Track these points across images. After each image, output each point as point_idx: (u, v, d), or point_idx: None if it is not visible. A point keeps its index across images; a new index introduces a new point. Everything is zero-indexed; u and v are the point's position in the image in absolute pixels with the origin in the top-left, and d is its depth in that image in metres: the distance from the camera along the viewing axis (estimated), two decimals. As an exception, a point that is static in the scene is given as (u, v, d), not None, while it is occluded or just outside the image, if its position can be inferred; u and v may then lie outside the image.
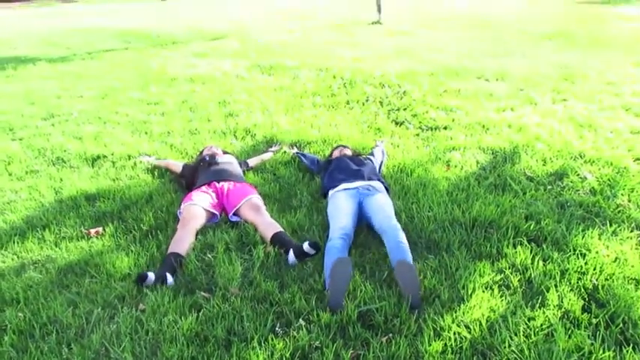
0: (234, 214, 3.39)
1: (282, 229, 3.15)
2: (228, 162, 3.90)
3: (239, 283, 2.74)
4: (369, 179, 3.52)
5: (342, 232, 2.94)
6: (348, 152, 4.05)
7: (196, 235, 3.17)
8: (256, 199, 3.44)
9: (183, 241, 3.01)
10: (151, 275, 2.70)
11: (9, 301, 2.66)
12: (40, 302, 2.62)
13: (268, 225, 3.18)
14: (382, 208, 3.16)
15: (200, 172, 3.75)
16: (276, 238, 3.04)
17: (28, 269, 2.95)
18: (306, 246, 2.82)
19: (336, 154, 4.03)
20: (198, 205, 3.30)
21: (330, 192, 3.47)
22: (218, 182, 3.57)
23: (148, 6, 26.28)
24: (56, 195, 3.93)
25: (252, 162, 4.32)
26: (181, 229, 3.11)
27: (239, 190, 3.50)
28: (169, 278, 2.74)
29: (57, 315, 2.52)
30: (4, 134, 5.47)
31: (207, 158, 3.84)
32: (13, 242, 3.24)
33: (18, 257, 3.09)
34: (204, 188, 3.50)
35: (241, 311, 2.50)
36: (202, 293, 2.67)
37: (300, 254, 2.85)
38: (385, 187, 3.56)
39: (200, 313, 2.50)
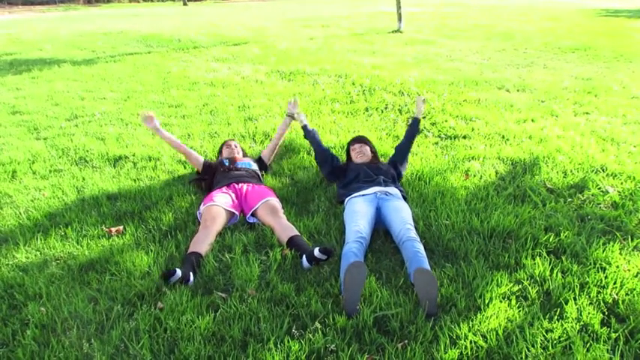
0: (252, 215, 3.42)
1: (297, 233, 3.17)
2: (247, 166, 3.93)
3: (256, 285, 2.76)
4: (387, 186, 3.53)
5: (358, 235, 2.95)
6: (367, 151, 3.95)
7: (217, 236, 3.21)
8: (273, 201, 3.47)
9: (203, 242, 3.05)
10: (179, 272, 2.73)
11: (32, 295, 2.71)
12: (61, 297, 2.67)
13: (284, 228, 3.21)
14: (400, 215, 3.16)
15: (219, 175, 3.79)
16: (292, 243, 3.07)
17: (51, 265, 3.01)
18: (317, 252, 2.84)
19: (354, 155, 3.96)
20: (219, 205, 3.35)
21: (347, 198, 3.48)
22: (237, 184, 3.62)
23: (169, 10, 26.69)
24: (79, 194, 4.01)
25: (266, 153, 4.36)
26: (203, 230, 3.16)
27: (257, 192, 3.54)
28: (191, 277, 2.78)
29: (78, 310, 2.57)
30: (29, 134, 5.60)
31: (227, 163, 3.88)
32: (37, 239, 3.31)
33: (41, 253, 3.16)
34: (224, 189, 3.55)
35: (258, 312, 2.52)
36: (220, 293, 2.70)
37: (313, 259, 2.87)
38: (403, 195, 3.56)
39: (217, 313, 2.53)
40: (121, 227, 3.43)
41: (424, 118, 5.80)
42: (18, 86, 8.08)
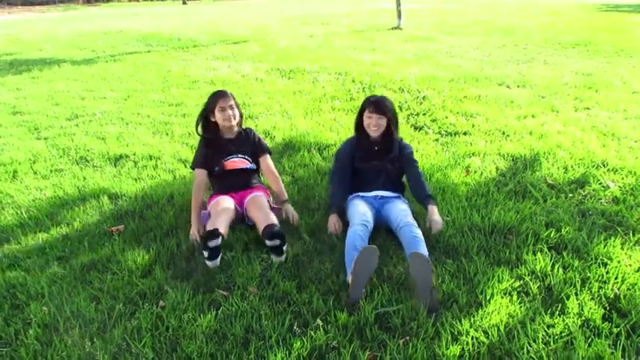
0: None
1: (274, 222, 3.00)
2: (242, 169, 3.54)
3: (257, 283, 2.76)
4: (387, 190, 3.40)
5: (363, 218, 2.95)
6: (384, 125, 3.32)
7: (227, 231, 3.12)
8: (259, 196, 3.35)
9: (221, 219, 3.02)
10: (219, 238, 2.79)
11: (34, 295, 2.72)
12: (63, 297, 2.68)
13: (265, 219, 3.04)
14: (399, 209, 3.14)
15: (215, 178, 3.54)
16: (264, 233, 2.93)
17: (52, 265, 3.01)
18: (266, 242, 2.87)
19: (367, 123, 3.35)
20: (228, 200, 3.31)
21: (349, 198, 3.41)
22: (236, 192, 3.47)
23: (169, 9, 26.65)
24: (79, 193, 4.01)
25: (264, 172, 3.64)
26: (215, 213, 3.12)
27: (249, 192, 3.45)
28: (218, 259, 2.88)
29: (80, 309, 2.57)
30: (29, 134, 5.61)
31: (217, 169, 3.52)
32: (38, 238, 3.32)
33: (42, 253, 3.16)
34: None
35: (259, 310, 2.52)
36: (221, 291, 2.70)
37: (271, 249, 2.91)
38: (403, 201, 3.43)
39: (219, 311, 2.53)
40: (122, 226, 3.43)
41: (424, 115, 5.80)
42: (18, 86, 8.09)
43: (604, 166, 4.23)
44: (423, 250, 2.74)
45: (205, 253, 2.85)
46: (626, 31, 12.48)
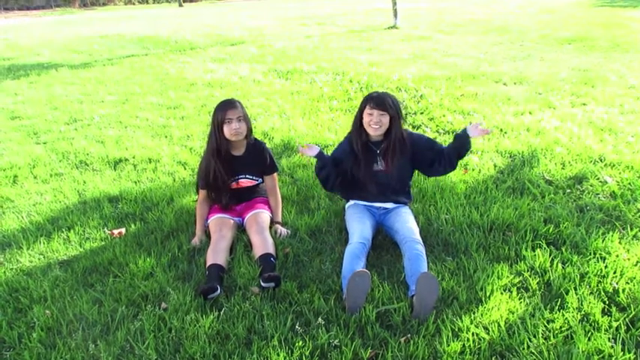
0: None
1: (269, 252, 2.94)
2: (247, 183, 3.43)
3: (258, 283, 2.78)
4: (391, 201, 3.27)
5: (362, 236, 2.90)
6: (386, 123, 3.06)
7: (231, 248, 3.11)
8: (260, 214, 3.27)
9: (220, 251, 2.95)
10: (219, 289, 2.66)
11: (36, 298, 2.74)
12: (66, 300, 2.69)
13: (259, 246, 3.00)
14: (405, 223, 3.04)
15: (216, 189, 3.39)
16: (262, 276, 2.75)
17: (54, 268, 3.03)
18: (262, 283, 2.70)
19: (367, 120, 3.10)
20: (225, 216, 3.26)
21: (351, 201, 3.34)
22: (237, 205, 3.43)
23: (165, 12, 26.65)
24: (80, 197, 4.03)
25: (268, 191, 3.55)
26: (215, 239, 3.05)
27: (250, 205, 3.39)
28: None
29: (83, 312, 2.59)
30: (28, 138, 5.62)
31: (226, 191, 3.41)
32: (40, 242, 3.33)
33: (44, 257, 3.18)
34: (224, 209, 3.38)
35: (261, 310, 2.54)
36: (223, 292, 2.71)
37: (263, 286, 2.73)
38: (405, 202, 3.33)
39: (221, 312, 2.55)
40: (123, 229, 3.44)
41: (422, 113, 5.82)
42: (16, 91, 8.10)
43: (601, 161, 4.25)
44: (425, 268, 2.70)
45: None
46: (621, 27, 12.50)
